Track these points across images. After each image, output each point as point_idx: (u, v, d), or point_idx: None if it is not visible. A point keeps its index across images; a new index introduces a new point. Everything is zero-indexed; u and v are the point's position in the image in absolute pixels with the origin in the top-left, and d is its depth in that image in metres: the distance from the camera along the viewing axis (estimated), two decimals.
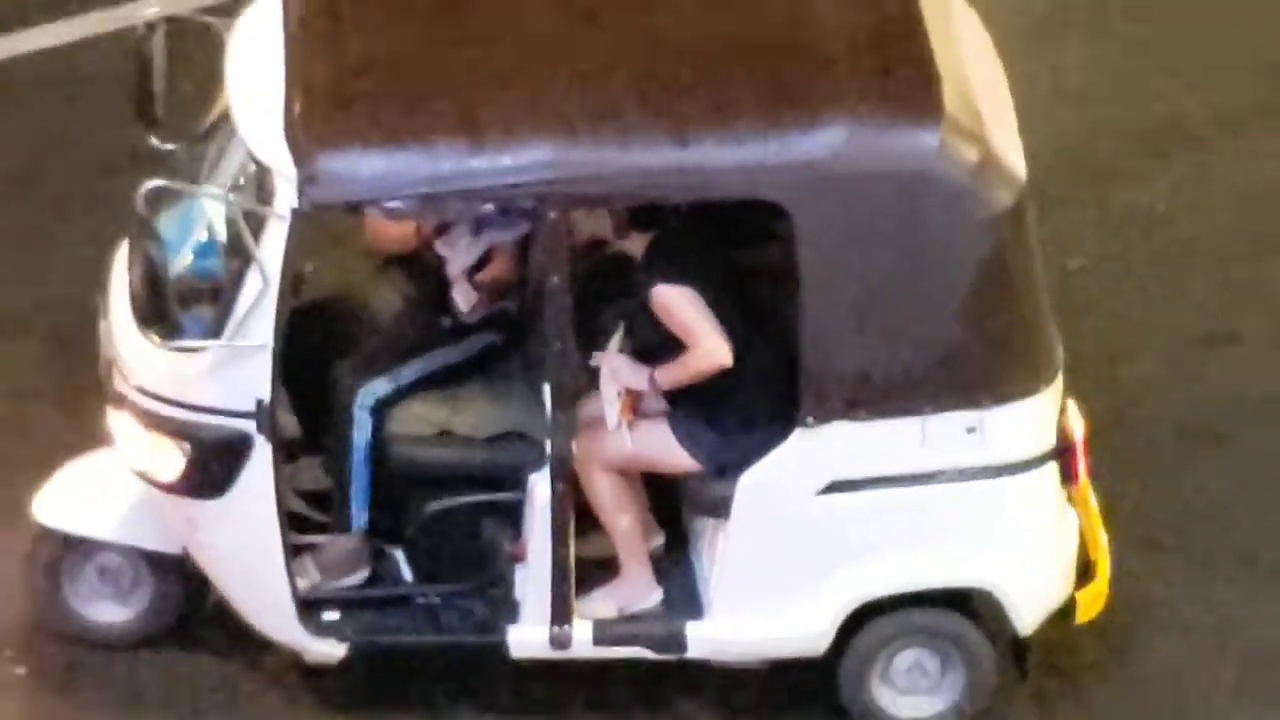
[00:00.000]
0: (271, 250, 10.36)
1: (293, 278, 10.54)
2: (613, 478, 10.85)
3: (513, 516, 10.98)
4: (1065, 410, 10.98)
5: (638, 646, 10.97)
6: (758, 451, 10.68)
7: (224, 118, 10.82)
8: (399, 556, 11.21)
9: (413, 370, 11.17)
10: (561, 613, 10.86)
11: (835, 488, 10.70)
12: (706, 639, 10.93)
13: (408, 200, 10.60)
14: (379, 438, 11.08)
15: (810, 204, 10.34)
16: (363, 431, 11.07)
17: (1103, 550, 11.12)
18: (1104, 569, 11.09)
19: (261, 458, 10.62)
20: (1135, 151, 13.82)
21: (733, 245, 10.91)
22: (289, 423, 11.08)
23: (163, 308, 10.79)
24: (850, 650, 10.95)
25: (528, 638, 10.92)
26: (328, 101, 10.55)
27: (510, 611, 10.96)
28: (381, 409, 11.08)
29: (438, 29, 10.87)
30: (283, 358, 10.57)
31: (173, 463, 10.70)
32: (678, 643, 10.95)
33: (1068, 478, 11.02)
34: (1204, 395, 12.67)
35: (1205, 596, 11.62)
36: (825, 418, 10.57)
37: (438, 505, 11.10)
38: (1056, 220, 11.14)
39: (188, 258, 10.90)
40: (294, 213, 10.34)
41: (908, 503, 10.76)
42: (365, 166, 10.43)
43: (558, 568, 10.81)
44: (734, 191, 10.51)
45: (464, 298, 11.23)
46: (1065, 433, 10.98)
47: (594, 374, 10.82)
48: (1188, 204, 13.61)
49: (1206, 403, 12.62)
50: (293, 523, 10.88)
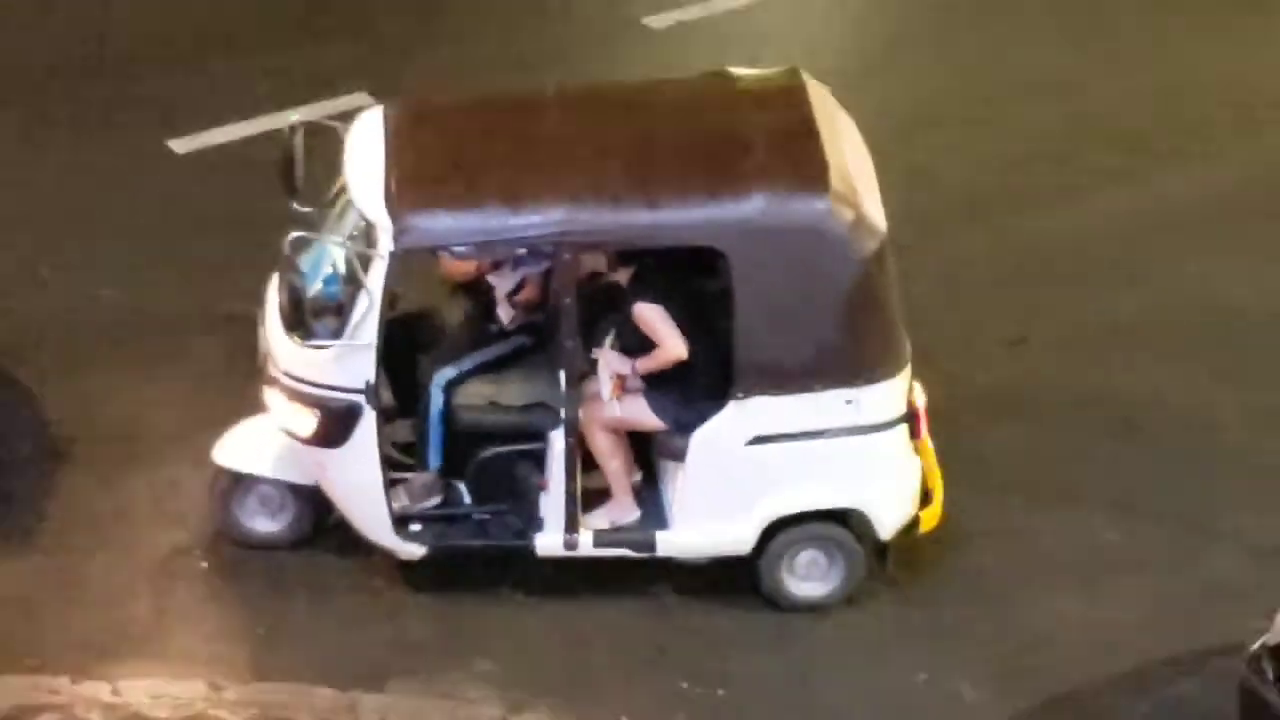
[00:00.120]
0: (375, 280, 10.55)
1: (389, 298, 10.63)
2: (606, 434, 10.97)
3: (539, 460, 11.02)
4: (912, 389, 11.12)
5: (623, 548, 11.10)
6: (705, 416, 10.80)
7: (342, 190, 10.97)
8: (461, 487, 11.23)
9: (471, 361, 11.21)
10: (571, 525, 11.00)
11: (757, 441, 10.82)
12: (670, 543, 11.06)
13: (468, 246, 10.77)
14: (448, 407, 11.14)
15: (741, 249, 10.54)
16: (436, 402, 11.15)
17: (938, 483, 11.25)
18: (938, 496, 11.23)
19: (368, 420, 10.74)
20: (958, 214, 13.91)
21: (688, 276, 10.89)
22: (387, 396, 11.02)
23: (301, 319, 10.93)
24: (767, 550, 11.06)
25: (548, 542, 11.06)
26: (413, 180, 10.71)
27: (537, 524, 11.06)
28: (450, 387, 11.14)
29: (487, 132, 11.07)
30: (382, 352, 10.68)
31: (308, 424, 10.85)
32: (650, 545, 11.06)
33: (914, 434, 11.15)
34: (1003, 380, 12.63)
35: (1007, 515, 11.68)
36: (750, 393, 10.73)
37: (488, 453, 11.15)
38: (905, 260, 11.19)
39: (319, 285, 10.98)
40: (390, 255, 10.52)
41: (806, 451, 10.85)
42: (439, 224, 10.63)
43: (569, 495, 10.96)
44: (689, 241, 10.65)
45: (505, 312, 11.28)
46: (912, 404, 11.13)
47: (594, 364, 10.95)
48: (992, 248, 13.65)
49: (1005, 385, 12.58)
50: (389, 464, 10.96)
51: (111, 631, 10.84)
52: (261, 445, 11.25)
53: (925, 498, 11.22)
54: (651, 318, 10.74)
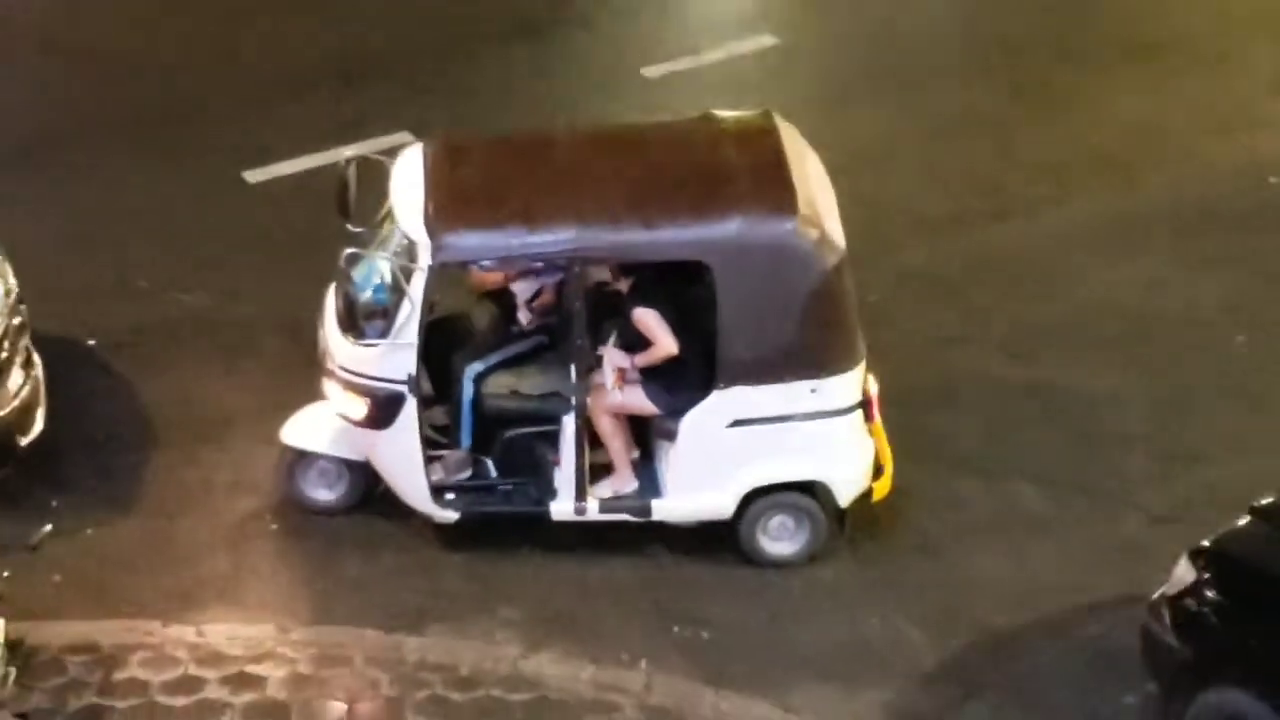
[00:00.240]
0: (416, 289, 10.54)
1: (428, 304, 10.62)
2: (610, 418, 10.93)
3: (553, 440, 10.98)
4: (866, 379, 11.05)
5: (624, 514, 11.06)
6: (692, 403, 10.77)
7: (388, 213, 10.92)
8: (489, 463, 11.19)
9: (496, 356, 11.18)
10: (581, 494, 10.96)
11: (736, 423, 10.78)
12: (663, 509, 11.03)
13: (494, 260, 10.77)
14: (477, 395, 11.12)
15: (723, 263, 10.51)
16: (467, 392, 11.13)
17: (888, 459, 11.20)
18: (889, 470, 11.18)
19: (410, 406, 10.69)
20: (906, 233, 13.84)
21: (679, 285, 10.83)
22: (426, 386, 10.92)
23: (354, 321, 10.89)
24: (744, 515, 11.02)
25: (562, 508, 11.01)
26: (448, 205, 10.67)
27: (552, 493, 11.02)
28: (478, 379, 11.11)
29: (510, 165, 11.03)
30: (422, 350, 10.63)
31: (360, 409, 10.82)
32: (646, 511, 11.03)
33: (868, 418, 11.10)
34: (944, 373, 12.56)
35: (946, 485, 11.65)
36: (730, 384, 10.70)
37: (511, 434, 11.14)
38: (860, 271, 11.10)
39: (369, 293, 10.91)
40: (429, 268, 10.50)
41: (777, 432, 10.81)
42: (470, 242, 10.58)
43: (578, 469, 10.93)
44: (679, 256, 10.63)
45: (525, 316, 11.27)
46: (866, 392, 11.05)
47: (599, 359, 10.92)
48: (935, 262, 13.61)
49: (945, 377, 12.52)
50: (427, 443, 10.91)
51: (196, 583, 10.87)
52: (321, 427, 11.20)
53: (877, 471, 11.16)
54: (648, 320, 10.72)
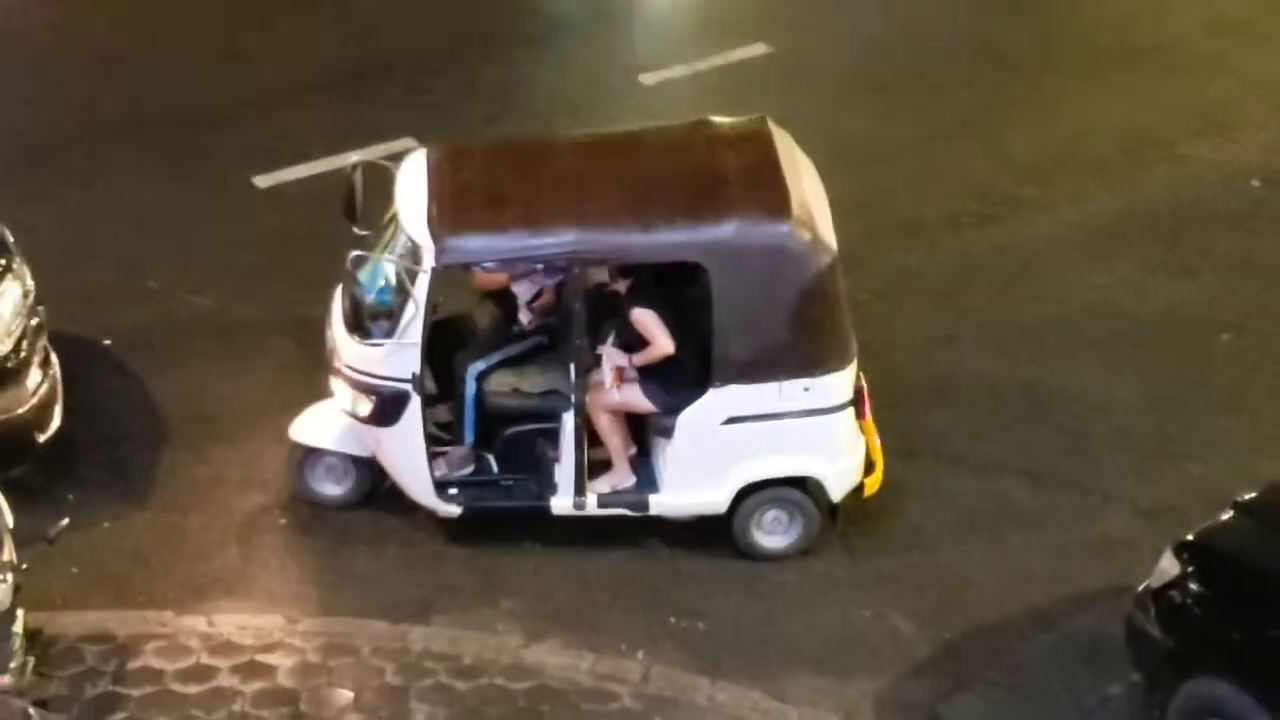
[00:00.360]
0: (420, 290, 10.51)
1: (431, 305, 10.61)
2: (608, 415, 10.94)
3: (553, 437, 10.99)
4: (858, 378, 11.02)
5: (622, 508, 11.06)
6: (689, 401, 10.76)
7: (393, 217, 10.89)
8: (490, 459, 11.18)
9: (498, 356, 11.18)
10: (580, 489, 10.96)
11: (731, 421, 10.76)
12: (660, 504, 11.04)
13: (495, 263, 10.78)
14: (479, 393, 11.11)
15: (719, 264, 10.50)
16: (470, 390, 11.12)
17: (879, 455, 11.19)
18: (880, 466, 11.17)
19: (415, 404, 10.68)
20: (897, 235, 13.86)
21: (676, 286, 10.83)
22: (430, 385, 10.93)
23: (360, 322, 10.90)
24: (739, 510, 11.03)
25: (561, 503, 11.01)
26: (451, 209, 10.66)
27: (552, 488, 11.01)
28: (481, 377, 11.11)
29: (511, 170, 11.01)
30: (426, 349, 10.62)
31: (366, 407, 10.81)
32: (644, 506, 11.03)
33: (860, 415, 11.08)
34: (934, 371, 12.57)
35: (936, 481, 11.67)
36: (725, 382, 10.69)
37: (512, 430, 11.12)
38: (852, 272, 11.15)
39: (374, 294, 10.91)
40: (432, 270, 10.48)
41: (771, 429, 10.80)
42: (472, 244, 10.57)
43: (578, 465, 10.92)
44: (676, 257, 10.62)
45: (526, 316, 11.26)
46: (858, 390, 11.04)
47: (598, 358, 10.90)
48: (925, 263, 13.63)
49: (935, 376, 12.52)
50: (431, 440, 10.91)
51: (207, 575, 10.90)
52: (329, 424, 11.19)
53: (869, 467, 11.15)
54: (646, 320, 10.73)
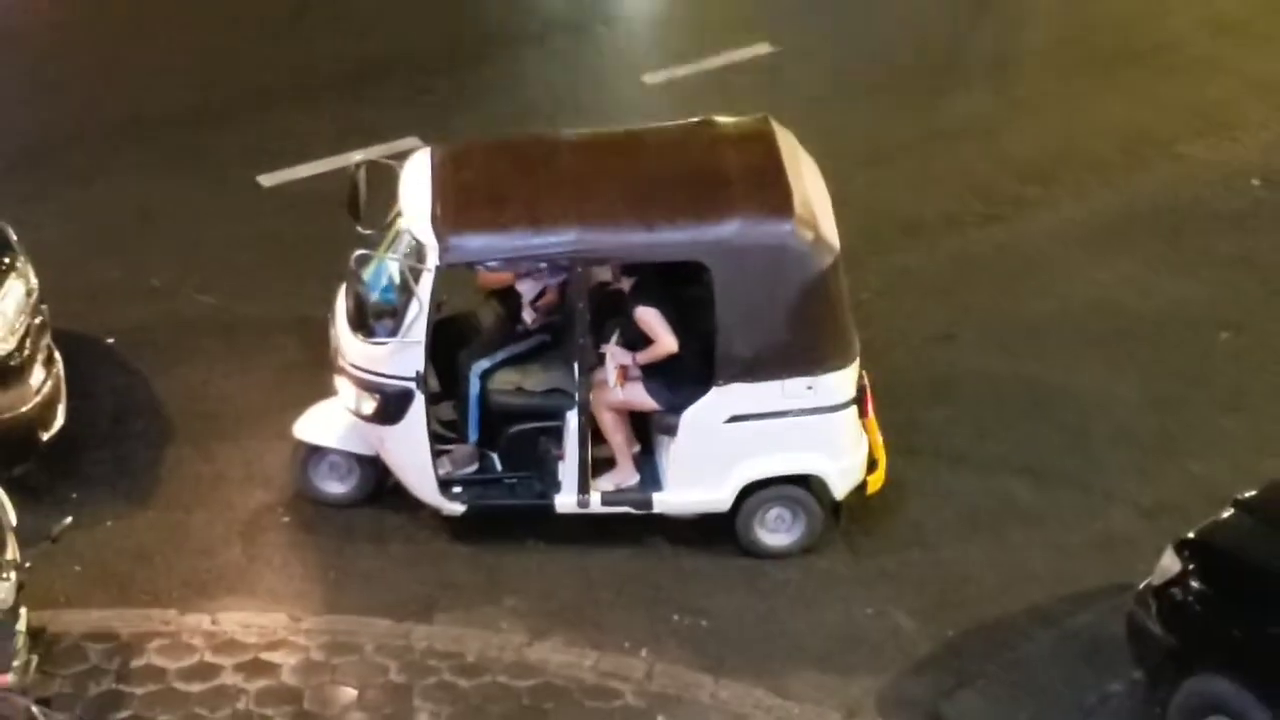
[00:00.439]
0: (424, 289, 10.50)
1: (435, 304, 10.58)
2: (612, 414, 10.92)
3: (557, 435, 10.96)
4: (861, 376, 11.01)
5: (625, 506, 11.04)
6: (692, 399, 10.75)
7: (397, 216, 10.89)
8: (494, 457, 11.18)
9: (502, 354, 11.18)
10: (584, 487, 10.95)
11: (734, 419, 10.75)
12: (664, 502, 11.02)
13: (499, 261, 10.76)
14: (483, 392, 11.11)
15: (722, 263, 10.49)
16: (474, 388, 11.12)
17: (881, 453, 11.18)
18: (882, 464, 11.16)
19: (419, 402, 10.66)
20: (898, 234, 13.86)
21: (679, 285, 10.81)
22: (434, 383, 10.95)
23: (364, 320, 10.88)
24: (742, 508, 11.02)
25: (565, 501, 10.99)
26: (454, 208, 10.64)
27: (556, 486, 10.99)
28: (485, 376, 11.11)
29: (514, 169, 11.00)
30: (430, 348, 10.62)
31: (370, 405, 10.79)
32: (648, 504, 11.02)
33: (862, 413, 11.07)
34: (935, 369, 12.57)
35: (938, 479, 11.66)
36: (729, 381, 10.67)
37: (516, 429, 11.10)
38: (854, 271, 11.18)
39: (378, 293, 10.88)
40: (436, 268, 10.47)
41: (774, 427, 10.79)
42: (475, 243, 10.56)
43: (581, 463, 10.91)
44: (679, 256, 10.60)
45: (530, 315, 11.25)
46: (861, 388, 11.02)
47: (602, 356, 10.89)
48: (926, 262, 13.62)
49: (937, 374, 12.52)
50: (435, 438, 10.89)
51: (211, 573, 10.88)
52: (332, 422, 11.18)
53: (871, 465, 11.15)
54: (649, 319, 10.71)
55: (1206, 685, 9.45)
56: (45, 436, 11.25)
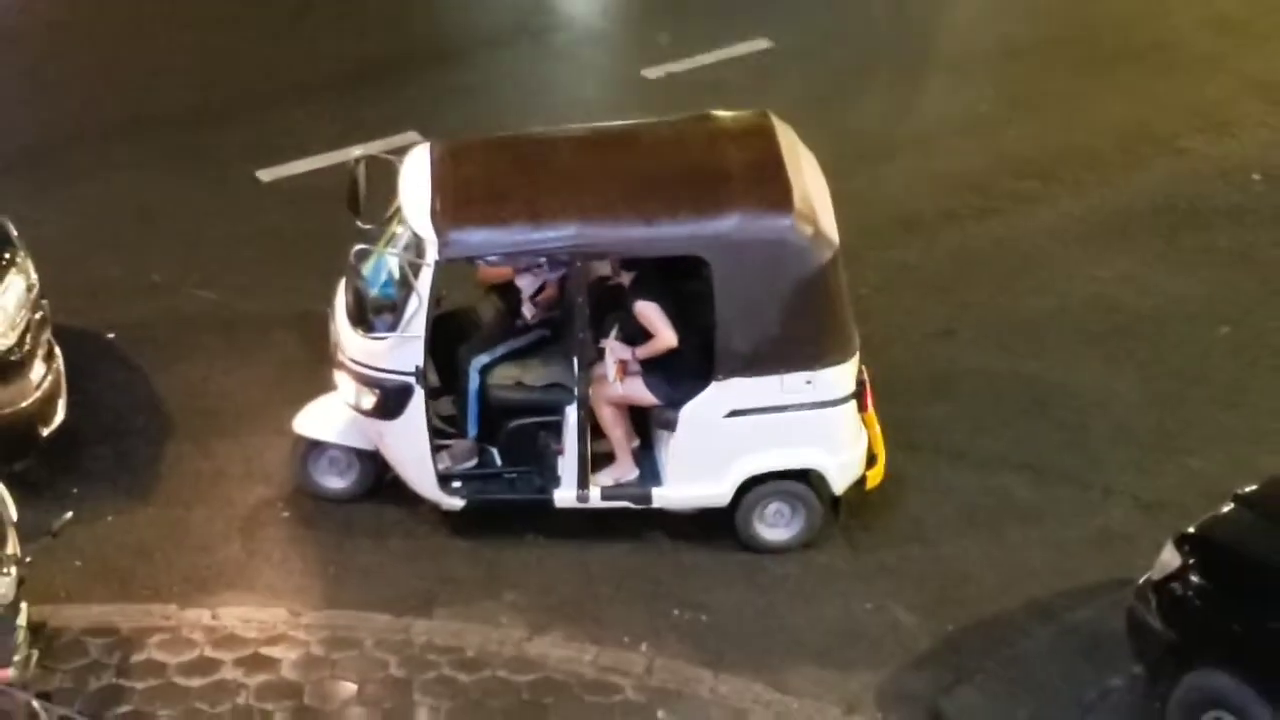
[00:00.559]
0: (423, 284, 10.49)
1: (435, 299, 10.59)
2: (611, 408, 10.91)
3: (557, 430, 10.95)
4: (860, 371, 10.99)
5: (625, 501, 11.03)
6: (691, 394, 10.74)
7: (397, 211, 10.87)
8: (494, 452, 11.16)
9: (501, 349, 11.17)
10: (583, 482, 10.94)
11: (734, 414, 10.74)
12: (663, 496, 11.00)
13: (498, 256, 10.81)
14: (483, 386, 11.10)
15: (721, 258, 10.47)
16: (473, 383, 11.11)
17: (881, 448, 11.18)
18: (881, 459, 11.16)
19: (418, 397, 10.66)
20: (897, 229, 13.85)
21: (679, 280, 10.80)
22: (433, 378, 10.96)
23: (364, 315, 10.88)
24: (742, 502, 11.01)
25: (565, 496, 10.99)
26: (454, 203, 10.62)
27: (555, 481, 10.99)
28: (484, 370, 11.10)
29: (513, 164, 11.02)
30: (429, 342, 10.61)
31: (369, 400, 10.79)
32: (647, 499, 11.00)
33: (861, 408, 11.06)
34: (934, 365, 12.56)
35: (937, 474, 11.64)
36: (728, 375, 10.66)
37: (515, 423, 11.08)
38: (854, 266, 11.16)
39: (378, 288, 10.88)
40: (435, 263, 10.46)
41: (773, 422, 10.78)
42: (475, 238, 10.55)
43: (581, 457, 10.90)
44: (679, 251, 10.59)
45: (529, 310, 11.23)
46: (860, 383, 11.00)
47: (601, 351, 10.87)
48: (926, 257, 13.63)
49: (936, 369, 12.50)
50: (435, 433, 10.88)
51: (211, 568, 10.87)
52: (332, 417, 11.17)
53: (871, 460, 11.14)
54: (649, 313, 10.69)
55: (1206, 680, 9.43)
56: (45, 432, 11.24)
